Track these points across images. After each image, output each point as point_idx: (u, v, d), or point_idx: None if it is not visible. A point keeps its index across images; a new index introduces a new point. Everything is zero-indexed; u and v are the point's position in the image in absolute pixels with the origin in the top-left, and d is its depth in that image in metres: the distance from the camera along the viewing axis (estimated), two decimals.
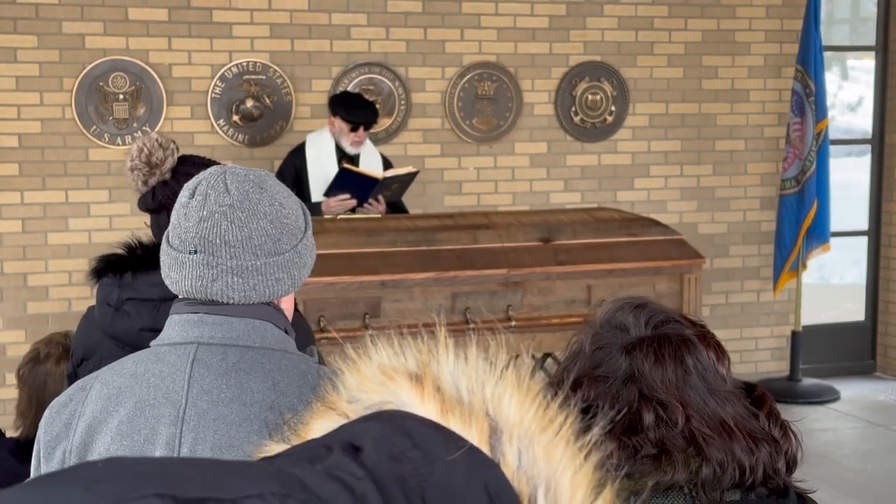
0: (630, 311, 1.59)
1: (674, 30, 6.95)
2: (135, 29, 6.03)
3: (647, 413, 1.48)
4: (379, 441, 0.59)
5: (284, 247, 1.63)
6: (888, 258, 7.55)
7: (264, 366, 1.61)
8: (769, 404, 1.56)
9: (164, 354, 1.63)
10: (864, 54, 7.97)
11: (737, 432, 1.48)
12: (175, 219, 1.64)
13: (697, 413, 1.49)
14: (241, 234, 1.59)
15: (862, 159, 7.87)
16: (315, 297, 4.78)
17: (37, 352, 3.10)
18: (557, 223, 5.51)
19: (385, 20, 6.43)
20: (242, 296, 1.61)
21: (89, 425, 1.61)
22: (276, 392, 1.59)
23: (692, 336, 1.56)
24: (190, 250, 1.60)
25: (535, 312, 5.33)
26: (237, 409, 1.57)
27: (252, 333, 1.62)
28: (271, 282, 1.62)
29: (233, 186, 1.61)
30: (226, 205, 1.59)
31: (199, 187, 1.62)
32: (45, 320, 5.91)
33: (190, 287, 1.61)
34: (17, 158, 5.92)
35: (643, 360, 1.52)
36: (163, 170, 2.64)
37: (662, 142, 7.01)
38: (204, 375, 1.59)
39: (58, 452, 1.63)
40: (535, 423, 0.63)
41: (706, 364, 1.54)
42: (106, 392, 1.63)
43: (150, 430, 1.58)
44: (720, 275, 7.13)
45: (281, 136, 6.31)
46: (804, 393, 6.92)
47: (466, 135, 6.64)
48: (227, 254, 1.59)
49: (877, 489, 5.41)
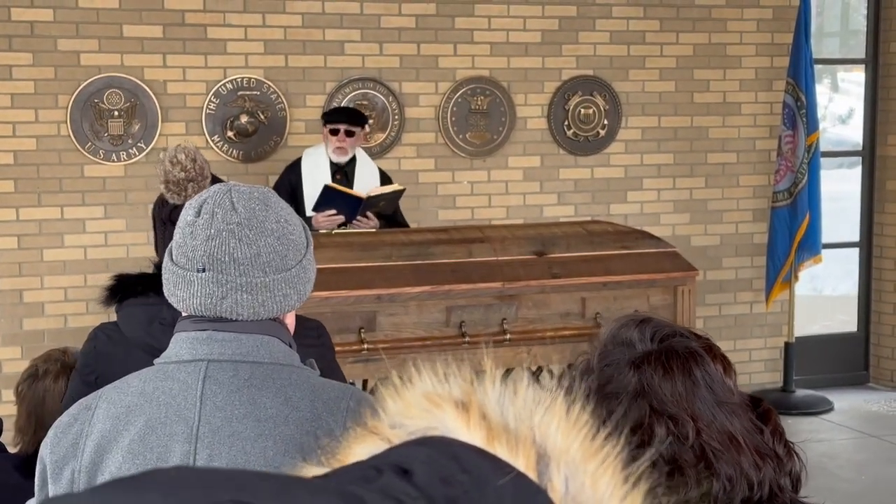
0: (634, 326, 1.58)
1: (665, 44, 6.99)
2: (129, 46, 6.06)
3: (658, 428, 1.47)
4: (428, 464, 0.59)
5: (290, 262, 1.64)
6: (880, 269, 7.59)
7: (275, 381, 1.61)
8: (774, 420, 1.56)
9: (173, 372, 1.63)
10: (855, 67, 8.03)
11: (744, 447, 1.48)
12: (180, 237, 1.63)
13: (707, 427, 1.48)
14: (250, 252, 1.60)
15: (853, 171, 7.92)
16: (311, 311, 4.79)
17: (35, 368, 3.11)
18: (551, 236, 5.54)
19: (378, 36, 6.46)
20: (251, 312, 1.61)
21: (98, 444, 1.61)
22: (288, 406, 1.60)
23: (699, 348, 1.56)
24: (198, 268, 1.60)
25: (529, 325, 5.35)
26: (251, 424, 1.58)
27: (261, 349, 1.62)
28: (279, 297, 1.63)
29: (239, 204, 1.62)
30: (234, 223, 1.60)
31: (204, 206, 1.62)
32: (41, 336, 5.92)
33: (199, 305, 1.61)
34: (13, 175, 5.94)
35: (652, 373, 1.51)
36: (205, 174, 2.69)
37: (655, 155, 7.04)
38: (216, 392, 1.60)
39: (66, 472, 1.62)
40: (582, 451, 0.62)
41: (714, 376, 1.53)
42: (114, 411, 1.63)
43: (163, 448, 1.58)
44: (713, 287, 7.16)
45: (275, 152, 6.34)
46: (798, 404, 6.94)
47: (460, 149, 6.67)
48: (237, 271, 1.60)
49: (871, 499, 5.43)
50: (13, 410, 3.14)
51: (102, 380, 2.34)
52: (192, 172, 3.26)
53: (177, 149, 4.62)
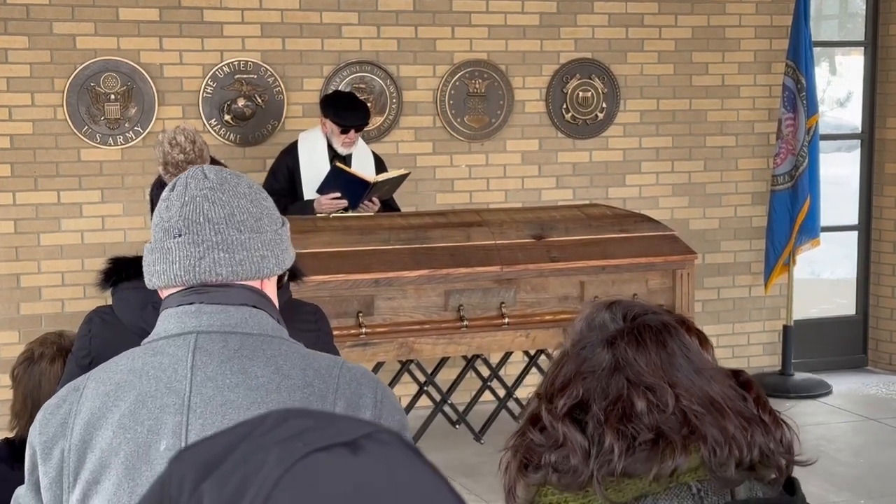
0: (605, 309, 1.61)
1: (664, 26, 6.96)
2: (126, 29, 6.03)
3: (638, 399, 1.48)
4: None
5: (266, 227, 1.67)
6: (879, 252, 7.58)
7: (265, 351, 1.62)
8: (756, 389, 1.57)
9: (162, 347, 1.64)
10: (853, 50, 8.00)
11: (727, 411, 1.49)
12: (157, 215, 1.68)
13: (686, 392, 1.50)
14: (223, 212, 1.64)
15: (851, 154, 7.90)
16: (308, 295, 4.78)
17: (31, 352, 3.10)
18: (550, 220, 5.53)
19: (376, 18, 6.43)
20: (230, 271, 1.63)
21: (87, 422, 1.61)
22: (279, 375, 1.61)
23: (672, 321, 1.58)
24: (174, 234, 1.63)
25: (528, 309, 5.34)
26: (243, 393, 1.59)
27: (249, 321, 1.64)
28: (256, 258, 1.65)
29: (211, 174, 1.67)
30: (206, 188, 1.64)
31: (178, 181, 1.68)
32: (38, 321, 5.91)
33: (178, 270, 1.63)
34: (9, 159, 5.92)
35: (625, 347, 1.53)
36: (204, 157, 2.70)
37: (654, 138, 7.03)
38: (207, 363, 1.60)
39: (55, 452, 1.62)
40: None
41: (689, 346, 1.55)
42: (103, 389, 1.63)
43: (154, 420, 1.58)
44: (712, 270, 7.16)
45: (273, 136, 6.31)
46: (796, 387, 6.95)
47: (458, 132, 6.65)
48: (212, 230, 1.62)
49: (869, 482, 5.43)
50: (10, 395, 3.13)
51: (97, 363, 2.33)
52: (191, 154, 3.24)
53: (176, 130, 4.58)
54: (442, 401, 5.79)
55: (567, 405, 1.51)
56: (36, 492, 1.66)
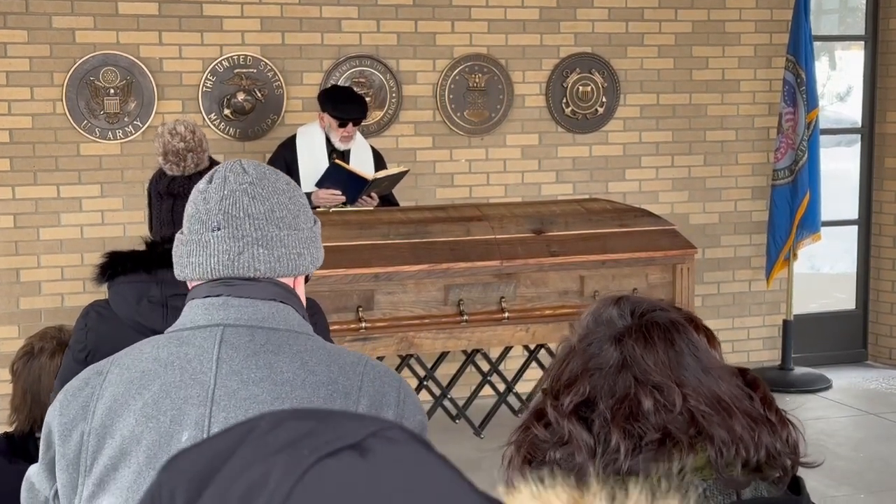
0: (613, 304, 1.59)
1: (664, 20, 6.95)
2: (125, 23, 6.02)
3: (645, 399, 1.47)
4: None
5: (303, 224, 1.69)
6: (879, 247, 7.58)
7: (291, 347, 1.63)
8: (762, 389, 1.56)
9: (189, 338, 1.63)
10: (853, 44, 7.99)
11: (735, 410, 1.48)
12: (192, 206, 1.67)
13: (694, 392, 1.49)
14: (264, 208, 1.64)
15: (851, 149, 7.90)
16: (308, 290, 4.77)
17: (31, 346, 3.10)
18: (550, 214, 5.52)
19: (376, 13, 6.42)
20: (268, 267, 1.64)
21: (110, 408, 1.61)
22: (305, 370, 1.61)
23: (680, 318, 1.57)
24: (213, 227, 1.63)
25: (528, 304, 5.34)
26: (268, 388, 1.58)
27: (276, 316, 1.64)
28: (293, 255, 1.66)
29: (250, 168, 1.68)
30: (245, 182, 1.65)
31: (216, 173, 1.68)
32: (38, 316, 5.91)
33: (216, 264, 1.63)
34: (9, 154, 5.91)
35: (633, 345, 1.52)
36: (203, 147, 2.73)
37: (654, 132, 7.02)
38: (232, 356, 1.60)
39: (75, 435, 1.62)
40: None
41: (698, 344, 1.54)
42: (127, 376, 1.63)
43: (177, 410, 1.58)
44: (712, 265, 7.15)
45: (272, 130, 6.31)
46: (796, 382, 6.95)
47: (458, 127, 6.64)
48: (252, 226, 1.63)
49: (869, 477, 5.43)
50: (9, 389, 3.13)
51: (94, 357, 2.32)
52: (191, 143, 3.25)
53: (175, 122, 4.60)
54: (442, 395, 5.79)
55: (573, 402, 1.50)
56: (49, 471, 1.65)
